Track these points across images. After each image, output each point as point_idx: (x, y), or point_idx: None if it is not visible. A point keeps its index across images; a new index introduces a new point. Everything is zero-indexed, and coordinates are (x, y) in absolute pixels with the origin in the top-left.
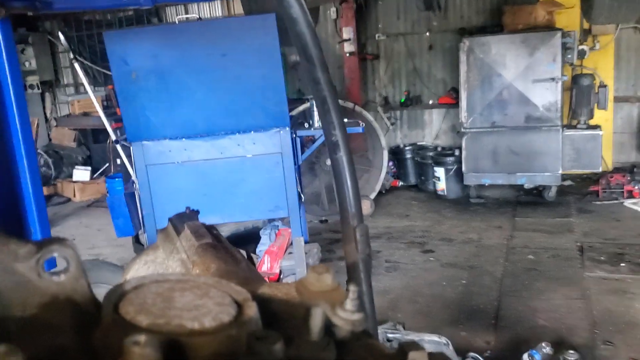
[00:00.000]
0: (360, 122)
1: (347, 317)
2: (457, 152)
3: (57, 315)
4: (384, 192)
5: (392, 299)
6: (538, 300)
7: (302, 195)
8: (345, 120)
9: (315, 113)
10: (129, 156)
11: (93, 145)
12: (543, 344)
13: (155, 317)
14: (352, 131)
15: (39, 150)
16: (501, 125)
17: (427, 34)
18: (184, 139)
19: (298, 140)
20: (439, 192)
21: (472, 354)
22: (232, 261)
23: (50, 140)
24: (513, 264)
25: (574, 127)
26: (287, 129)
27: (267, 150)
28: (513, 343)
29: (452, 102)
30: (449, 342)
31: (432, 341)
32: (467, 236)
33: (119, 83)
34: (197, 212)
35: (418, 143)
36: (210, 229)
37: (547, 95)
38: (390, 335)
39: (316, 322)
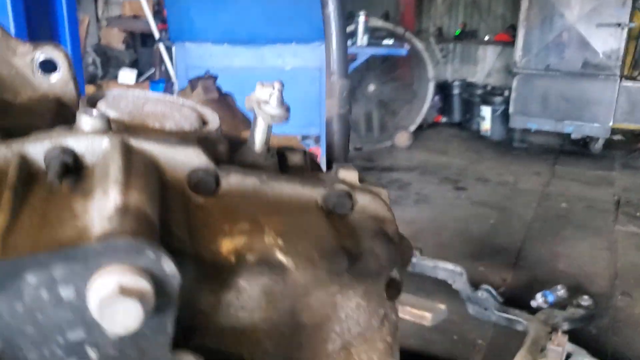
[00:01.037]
0: (405, 44)
1: (268, 110)
2: (506, 93)
3: (43, 107)
4: (425, 126)
5: (416, 229)
6: (562, 247)
7: None
8: (389, 41)
9: (360, 30)
10: (172, 59)
11: (141, 49)
12: (558, 287)
13: (122, 114)
14: (394, 53)
15: (87, 49)
16: (556, 69)
17: None
18: (225, 44)
19: None
20: (482, 133)
21: (485, 286)
22: (229, 112)
23: (99, 40)
24: (545, 210)
25: (634, 79)
26: None
27: (307, 63)
28: (529, 283)
29: (509, 40)
30: (464, 272)
31: (446, 269)
32: (503, 178)
33: None
34: (215, 77)
35: (468, 79)
36: (221, 90)
37: (609, 42)
38: None
39: (259, 132)
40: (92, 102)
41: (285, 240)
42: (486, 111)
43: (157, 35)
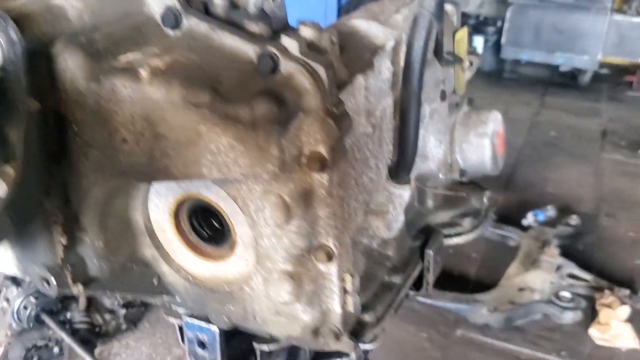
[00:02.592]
0: None
1: None
2: (499, 24)
3: None
4: None
5: None
6: (551, 172)
7: None
8: None
9: None
10: None
11: None
12: (548, 207)
13: None
14: None
15: None
16: (550, 0)
17: None
18: None
19: None
20: None
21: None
22: None
23: None
24: (534, 137)
25: (624, 13)
26: None
27: None
28: (520, 204)
29: None
30: None
31: None
32: (494, 107)
33: None
34: None
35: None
36: None
37: None
38: None
39: None
40: None
41: (167, 67)
42: (478, 41)
43: None
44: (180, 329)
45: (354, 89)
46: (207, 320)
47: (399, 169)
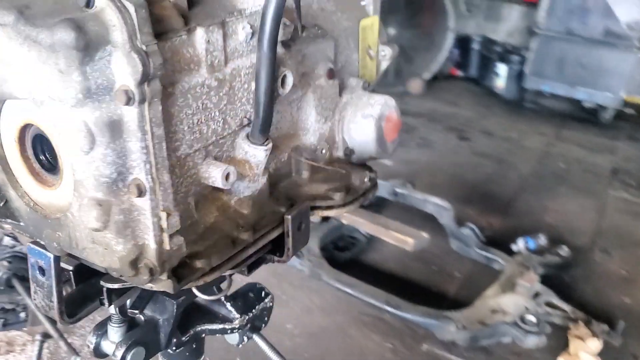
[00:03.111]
0: None
1: None
2: (524, 54)
3: None
4: (440, 77)
5: (413, 169)
6: (553, 202)
7: None
8: None
9: None
10: None
11: None
12: (540, 235)
13: None
14: None
15: None
16: (577, 34)
17: None
18: None
19: None
20: (496, 90)
21: (470, 224)
22: None
23: None
24: (543, 167)
25: None
26: None
27: None
28: (514, 229)
29: (536, 1)
30: (451, 208)
31: (434, 203)
32: (508, 134)
33: None
34: None
35: (489, 36)
36: None
37: (633, 12)
38: (397, 190)
39: None
40: None
41: None
42: (502, 69)
43: None
44: None
45: (193, 39)
46: (44, 248)
47: (253, 129)
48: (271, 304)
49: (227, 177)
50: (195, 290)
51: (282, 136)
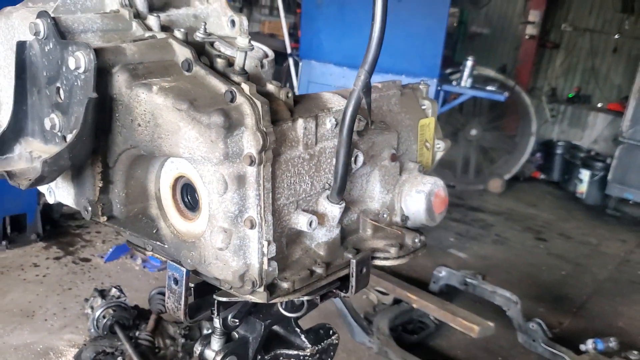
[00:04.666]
0: (506, 92)
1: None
2: (608, 161)
3: None
4: (522, 179)
5: (488, 264)
6: (628, 308)
7: None
8: (491, 87)
9: (466, 73)
10: (297, 73)
11: None
12: (611, 338)
13: None
14: (491, 97)
15: None
16: None
17: (617, 36)
18: (345, 67)
19: (442, 93)
20: (578, 194)
21: (537, 319)
22: None
23: None
24: (620, 273)
25: None
26: (435, 80)
27: None
28: (584, 331)
29: (622, 110)
30: (519, 301)
31: (503, 295)
32: (587, 239)
33: (306, 5)
34: None
35: (573, 142)
36: None
37: None
38: (468, 280)
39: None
40: None
41: (170, 87)
42: (585, 174)
43: (289, 50)
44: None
45: (295, 126)
46: (180, 264)
47: (332, 192)
48: (337, 341)
49: (310, 224)
50: (280, 309)
51: (354, 201)
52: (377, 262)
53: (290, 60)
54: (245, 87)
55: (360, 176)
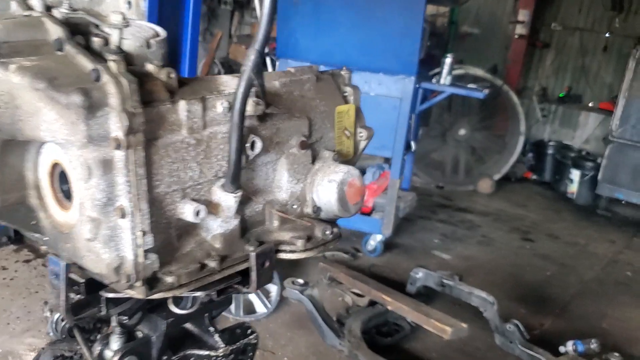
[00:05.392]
0: (485, 90)
1: None
2: (599, 160)
3: None
4: (513, 179)
5: (471, 265)
6: (612, 309)
7: (412, 145)
8: (472, 85)
9: (445, 70)
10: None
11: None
12: (592, 340)
13: None
14: (471, 95)
15: (215, 60)
16: None
17: (607, 35)
18: (321, 65)
19: (421, 91)
20: (568, 195)
21: (515, 320)
22: None
23: (227, 54)
24: (607, 274)
25: None
26: (413, 78)
27: (390, 92)
28: (565, 332)
29: (612, 109)
30: (495, 302)
31: (479, 296)
32: (575, 239)
33: (282, 4)
34: None
35: (564, 142)
36: None
37: None
38: (444, 281)
39: None
40: None
41: (32, 66)
42: (575, 174)
43: (266, 49)
44: None
45: (177, 108)
46: (58, 256)
47: (226, 180)
48: (255, 341)
49: (197, 213)
50: (170, 306)
51: (259, 190)
52: (283, 256)
53: (268, 60)
54: (112, 65)
55: (265, 164)
